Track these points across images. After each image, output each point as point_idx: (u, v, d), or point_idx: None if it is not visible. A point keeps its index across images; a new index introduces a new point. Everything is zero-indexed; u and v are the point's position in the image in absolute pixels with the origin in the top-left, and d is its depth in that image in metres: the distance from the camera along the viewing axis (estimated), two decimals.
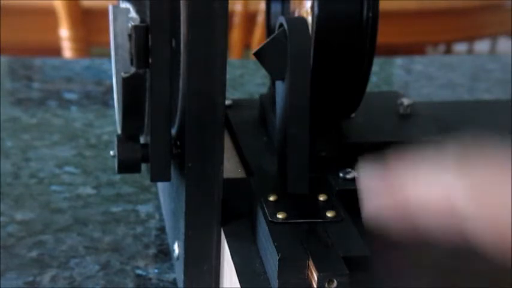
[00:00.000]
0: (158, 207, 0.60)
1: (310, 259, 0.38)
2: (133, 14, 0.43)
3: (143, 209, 0.60)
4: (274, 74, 0.45)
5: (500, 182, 0.33)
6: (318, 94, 0.46)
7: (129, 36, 0.42)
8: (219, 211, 0.44)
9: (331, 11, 0.47)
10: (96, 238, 0.56)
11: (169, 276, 0.52)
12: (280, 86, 0.45)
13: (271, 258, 0.39)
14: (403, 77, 0.99)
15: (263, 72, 0.50)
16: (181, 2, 0.41)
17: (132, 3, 0.44)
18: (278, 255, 0.38)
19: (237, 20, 1.50)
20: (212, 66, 0.41)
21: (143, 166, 0.45)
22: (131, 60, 0.42)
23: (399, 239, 0.36)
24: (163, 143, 0.43)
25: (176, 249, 0.48)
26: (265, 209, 0.42)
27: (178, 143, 0.44)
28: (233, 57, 1.48)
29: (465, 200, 0.34)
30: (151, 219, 0.59)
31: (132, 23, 0.41)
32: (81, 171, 0.66)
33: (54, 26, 1.47)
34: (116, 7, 0.44)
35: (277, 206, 0.42)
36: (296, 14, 0.52)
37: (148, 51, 0.41)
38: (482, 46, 1.98)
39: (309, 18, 0.47)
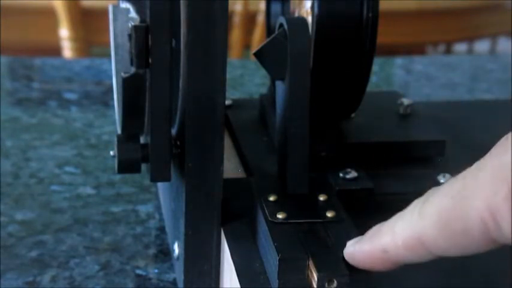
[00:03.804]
0: (158, 207, 0.60)
1: (310, 259, 0.38)
2: (133, 14, 0.43)
3: (143, 209, 0.60)
4: (274, 74, 0.45)
5: None
6: (318, 94, 0.46)
7: (129, 36, 0.42)
8: (219, 211, 0.44)
9: (331, 11, 0.47)
10: (96, 238, 0.56)
11: (169, 276, 0.52)
12: (280, 86, 0.45)
13: (271, 258, 0.39)
14: (403, 77, 0.99)
15: (263, 72, 0.50)
16: (181, 2, 0.41)
17: (132, 3, 0.44)
18: (278, 255, 0.38)
19: (237, 20, 1.50)
20: (212, 66, 0.41)
21: (143, 166, 0.45)
22: (131, 60, 0.42)
23: None
24: (163, 143, 0.43)
25: (176, 249, 0.48)
26: (265, 209, 0.42)
27: (178, 143, 0.44)
28: (233, 57, 1.48)
29: None
30: (151, 219, 0.59)
31: (132, 23, 0.41)
32: (81, 171, 0.66)
33: (54, 26, 1.47)
34: (116, 7, 0.44)
35: (277, 206, 0.42)
36: (296, 14, 0.52)
37: (148, 51, 0.41)
38: (482, 46, 1.98)
39: (309, 18, 0.47)
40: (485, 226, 0.30)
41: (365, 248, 0.35)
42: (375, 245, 0.35)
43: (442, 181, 0.46)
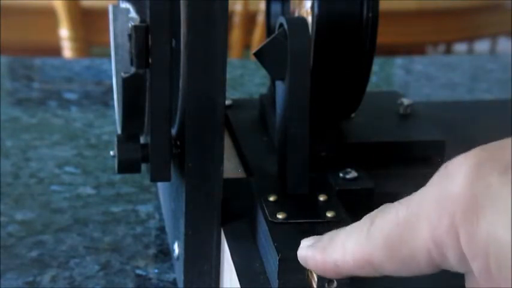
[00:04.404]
0: (158, 207, 0.60)
1: None
2: (133, 14, 0.43)
3: (143, 209, 0.60)
4: (274, 74, 0.45)
5: None
6: (318, 94, 0.46)
7: (129, 36, 0.42)
8: (219, 211, 0.44)
9: (331, 11, 0.47)
10: (96, 238, 0.56)
11: (169, 276, 0.52)
12: (280, 86, 0.45)
13: (271, 258, 0.39)
14: (403, 77, 0.99)
15: (263, 72, 0.50)
16: (181, 2, 0.41)
17: (132, 3, 0.44)
18: (278, 255, 0.38)
19: (237, 20, 1.50)
20: (212, 66, 0.41)
21: (143, 166, 0.45)
22: (131, 60, 0.42)
23: None
24: (163, 143, 0.43)
25: (176, 249, 0.48)
26: (265, 209, 0.42)
27: (178, 143, 0.44)
28: (233, 57, 1.48)
29: None
30: (151, 219, 0.59)
31: (132, 23, 0.41)
32: (81, 171, 0.66)
33: (54, 26, 1.47)
34: (116, 7, 0.44)
35: (277, 206, 0.42)
36: (296, 14, 0.52)
37: (148, 51, 0.41)
38: (482, 46, 1.98)
39: (309, 18, 0.47)
40: (430, 255, 0.31)
41: (317, 258, 0.36)
42: (326, 258, 0.35)
43: None
